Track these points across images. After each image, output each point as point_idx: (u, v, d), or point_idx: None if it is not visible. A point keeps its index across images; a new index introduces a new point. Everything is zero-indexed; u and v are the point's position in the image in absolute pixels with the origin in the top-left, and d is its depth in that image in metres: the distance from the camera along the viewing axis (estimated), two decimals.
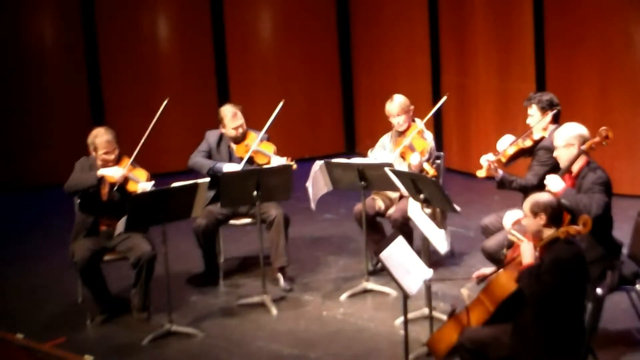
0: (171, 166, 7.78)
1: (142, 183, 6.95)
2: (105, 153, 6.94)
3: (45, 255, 8.49)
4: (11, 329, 5.58)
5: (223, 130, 7.67)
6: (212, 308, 7.22)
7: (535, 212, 5.30)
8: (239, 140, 7.63)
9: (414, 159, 7.32)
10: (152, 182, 6.96)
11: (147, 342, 6.66)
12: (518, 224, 6.36)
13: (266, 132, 7.63)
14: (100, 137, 6.97)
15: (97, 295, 7.00)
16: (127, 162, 7.00)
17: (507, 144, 6.93)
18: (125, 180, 6.94)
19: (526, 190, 6.71)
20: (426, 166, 7.26)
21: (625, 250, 6.31)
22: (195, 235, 7.56)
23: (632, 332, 6.37)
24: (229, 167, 7.43)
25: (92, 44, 10.76)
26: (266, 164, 7.48)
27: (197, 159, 7.64)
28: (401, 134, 7.59)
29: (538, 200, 5.33)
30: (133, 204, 6.65)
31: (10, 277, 8.09)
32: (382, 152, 7.59)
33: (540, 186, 6.37)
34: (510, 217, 6.46)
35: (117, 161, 7.00)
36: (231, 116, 7.59)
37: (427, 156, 7.44)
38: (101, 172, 6.90)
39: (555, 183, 6.16)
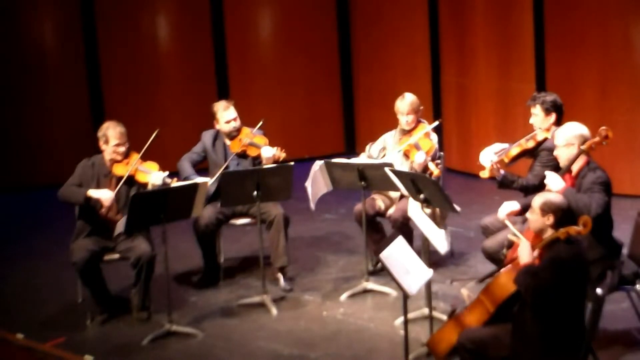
0: (171, 166, 7.78)
1: (154, 173, 6.96)
2: (117, 145, 6.97)
3: (45, 255, 8.49)
4: (11, 329, 5.58)
5: (217, 127, 7.68)
6: (212, 308, 7.22)
7: (544, 211, 5.27)
8: (233, 136, 7.64)
9: (419, 158, 7.31)
10: (167, 173, 6.98)
11: (147, 342, 6.66)
12: (512, 216, 6.40)
13: (260, 128, 7.65)
14: (112, 129, 7.01)
15: (97, 295, 7.00)
16: (137, 157, 7.02)
17: (490, 155, 6.90)
18: (135, 172, 6.97)
19: (527, 191, 6.72)
20: (431, 166, 7.24)
21: (625, 250, 6.31)
22: (196, 235, 7.56)
23: (632, 332, 6.36)
24: (199, 180, 7.40)
25: (92, 44, 10.76)
26: (257, 156, 7.50)
27: (183, 162, 7.67)
28: (406, 132, 7.58)
29: (551, 201, 5.29)
30: (133, 204, 6.65)
31: (10, 277, 8.09)
32: (370, 155, 7.61)
33: (541, 187, 6.37)
34: (505, 208, 6.44)
35: (126, 155, 7.01)
36: (223, 109, 7.61)
37: (431, 156, 7.43)
38: (90, 192, 6.91)
39: (555, 182, 6.16)
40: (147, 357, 6.53)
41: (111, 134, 7.00)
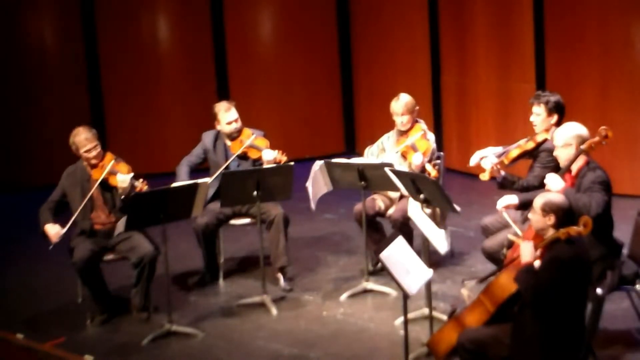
0: (171, 166, 7.80)
1: (120, 176, 6.93)
2: (86, 151, 6.97)
3: (45, 255, 8.43)
4: (11, 329, 5.58)
5: (218, 127, 7.67)
6: (212, 308, 7.22)
7: (545, 211, 5.28)
8: (234, 137, 7.63)
9: (417, 159, 7.31)
10: (132, 175, 6.95)
11: (147, 342, 6.66)
12: (510, 209, 6.41)
13: (261, 129, 7.66)
14: (78, 136, 7.03)
15: (97, 295, 7.00)
16: (110, 157, 7.01)
17: (490, 157, 6.90)
18: (108, 176, 6.95)
19: (527, 192, 6.72)
20: (428, 167, 7.23)
21: (625, 250, 6.31)
22: (196, 234, 7.56)
23: (632, 332, 6.36)
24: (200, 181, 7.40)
25: (92, 44, 10.76)
26: (258, 158, 7.50)
27: (181, 167, 7.64)
28: (403, 133, 7.58)
29: (552, 201, 5.30)
30: (133, 203, 6.65)
31: (10, 277, 8.09)
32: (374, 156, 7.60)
33: (541, 188, 6.36)
34: (504, 200, 6.47)
35: (101, 158, 7.01)
36: (225, 110, 7.60)
37: (429, 157, 7.43)
38: (45, 227, 6.94)
39: (555, 182, 6.15)
40: (147, 357, 6.53)
41: (78, 141, 7.00)
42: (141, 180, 6.94)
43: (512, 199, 6.52)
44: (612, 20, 9.18)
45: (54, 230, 6.93)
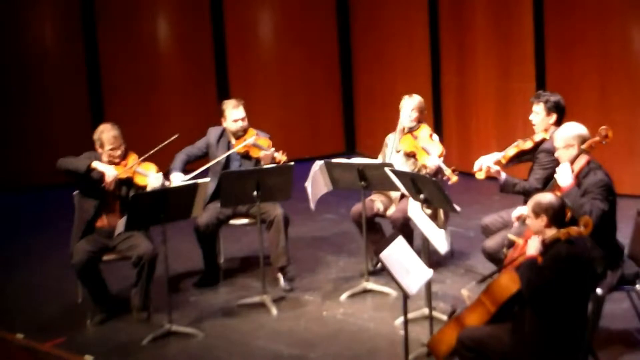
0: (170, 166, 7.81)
1: (152, 175, 6.95)
2: (112, 149, 6.96)
3: (45, 255, 8.49)
4: (11, 329, 5.58)
5: (224, 124, 7.68)
6: (212, 308, 7.22)
7: (536, 213, 5.31)
8: (239, 135, 7.63)
9: (432, 162, 7.29)
10: (161, 174, 6.98)
11: (147, 342, 6.66)
12: (521, 220, 6.40)
13: (261, 129, 7.67)
14: (106, 133, 6.99)
15: (97, 296, 6.99)
16: (135, 158, 7.01)
17: (488, 162, 6.87)
18: (133, 175, 6.97)
19: (529, 194, 6.69)
20: (447, 171, 7.12)
21: (625, 250, 6.31)
22: (196, 234, 7.56)
23: (632, 332, 6.36)
24: (176, 177, 7.40)
25: (92, 44, 10.76)
26: (259, 157, 7.50)
27: (179, 155, 7.66)
28: (406, 133, 7.56)
29: (540, 201, 5.33)
30: (133, 203, 6.65)
31: (10, 277, 8.09)
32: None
33: (544, 190, 6.33)
34: (518, 211, 6.43)
35: (123, 157, 7.01)
36: (232, 107, 7.61)
37: (442, 159, 7.41)
38: (95, 164, 6.90)
39: (564, 176, 6.09)
40: (147, 357, 6.53)
41: (105, 138, 6.97)
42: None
43: (525, 210, 6.43)
44: (612, 21, 9.18)
45: (111, 170, 6.87)
